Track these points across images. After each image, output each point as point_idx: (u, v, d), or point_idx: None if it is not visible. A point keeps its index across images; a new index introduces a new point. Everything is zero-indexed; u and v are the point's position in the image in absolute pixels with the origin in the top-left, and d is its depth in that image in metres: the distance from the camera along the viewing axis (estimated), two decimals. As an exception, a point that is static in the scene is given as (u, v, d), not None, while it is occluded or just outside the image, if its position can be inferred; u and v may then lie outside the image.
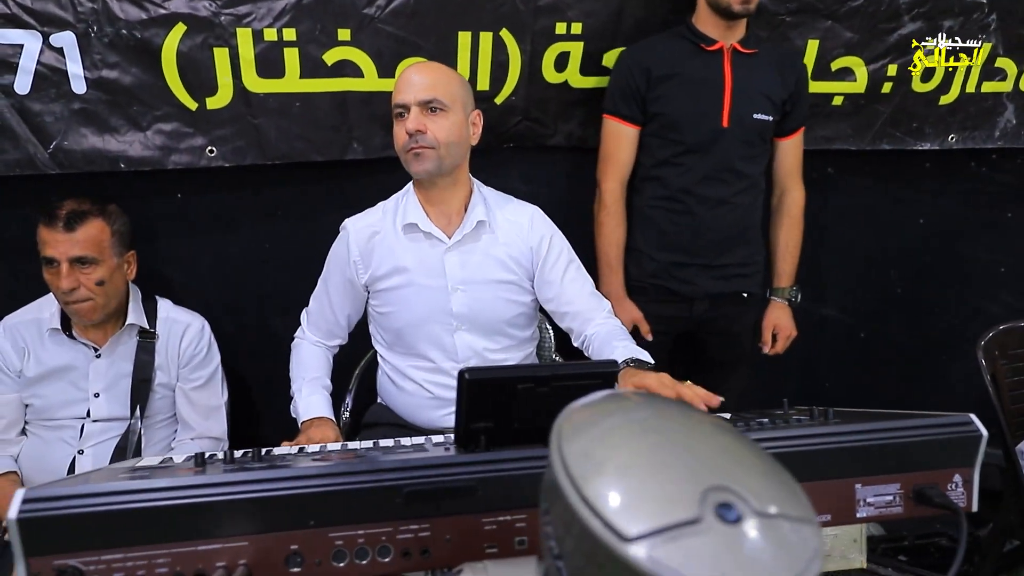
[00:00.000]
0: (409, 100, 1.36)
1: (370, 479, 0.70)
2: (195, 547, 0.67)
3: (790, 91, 1.78)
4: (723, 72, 1.73)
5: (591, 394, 0.53)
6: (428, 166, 1.37)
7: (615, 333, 1.44)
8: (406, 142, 1.37)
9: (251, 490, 0.68)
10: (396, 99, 1.39)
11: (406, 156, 1.39)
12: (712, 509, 0.37)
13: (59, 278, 1.43)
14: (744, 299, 1.88)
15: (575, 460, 0.43)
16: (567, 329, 1.54)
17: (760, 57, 1.76)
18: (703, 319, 1.88)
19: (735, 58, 1.74)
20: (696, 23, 1.74)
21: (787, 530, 0.37)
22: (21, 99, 1.58)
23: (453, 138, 1.37)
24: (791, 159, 1.90)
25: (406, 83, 1.38)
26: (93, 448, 1.53)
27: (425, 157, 1.36)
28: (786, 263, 1.94)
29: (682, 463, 0.41)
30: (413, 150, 1.36)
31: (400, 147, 1.40)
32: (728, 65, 1.73)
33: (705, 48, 1.73)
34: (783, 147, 1.89)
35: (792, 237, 1.94)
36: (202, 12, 1.60)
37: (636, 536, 0.37)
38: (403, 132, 1.37)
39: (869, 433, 0.82)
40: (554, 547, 0.45)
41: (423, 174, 1.39)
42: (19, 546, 0.64)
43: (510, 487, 0.73)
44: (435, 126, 1.35)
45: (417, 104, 1.35)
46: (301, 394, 1.47)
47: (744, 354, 1.99)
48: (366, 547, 0.71)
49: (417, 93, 1.36)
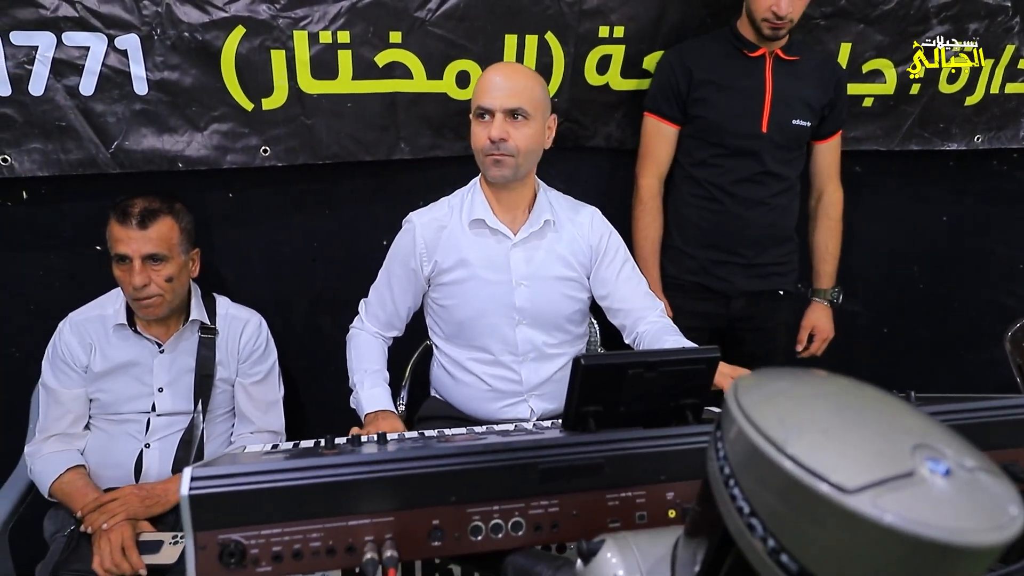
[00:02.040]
0: (495, 106, 1.38)
1: (506, 458, 0.75)
2: (346, 522, 0.71)
3: (829, 97, 1.83)
4: (764, 78, 1.77)
5: (752, 375, 0.57)
6: (506, 173, 1.41)
7: (666, 330, 1.49)
8: (487, 147, 1.39)
9: (399, 468, 0.72)
10: (481, 101, 1.40)
11: (484, 160, 1.42)
12: (923, 463, 0.42)
13: (131, 274, 1.46)
14: (780, 296, 1.93)
15: (772, 427, 0.48)
16: (619, 326, 1.59)
17: (801, 64, 1.81)
18: (739, 316, 1.93)
19: (776, 65, 1.78)
20: (740, 28, 1.79)
21: (988, 482, 0.42)
22: (85, 100, 1.61)
23: (533, 146, 1.41)
24: (829, 162, 1.95)
25: (493, 86, 1.39)
26: (159, 442, 1.57)
27: (505, 165, 1.40)
28: (827, 264, 1.98)
29: (879, 424, 0.46)
30: (494, 156, 1.39)
31: (479, 148, 1.42)
32: (769, 72, 1.78)
33: (748, 54, 1.77)
34: (821, 150, 1.93)
35: (832, 239, 1.98)
36: (261, 15, 1.64)
37: (858, 488, 0.42)
38: (484, 135, 1.39)
39: (955, 414, 0.87)
40: (744, 507, 0.49)
41: (500, 180, 1.43)
42: (188, 521, 0.68)
43: (632, 465, 0.78)
44: (518, 134, 1.38)
45: (502, 111, 1.38)
46: (364, 386, 1.48)
47: (778, 349, 2.04)
48: (500, 522, 0.75)
49: (504, 100, 1.38)
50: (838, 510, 0.42)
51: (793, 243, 1.95)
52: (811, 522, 0.44)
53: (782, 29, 1.70)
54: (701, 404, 0.90)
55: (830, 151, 1.93)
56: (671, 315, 1.92)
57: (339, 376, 2.01)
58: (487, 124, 1.39)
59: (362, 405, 1.46)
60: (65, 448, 1.54)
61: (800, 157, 1.88)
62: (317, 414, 2.05)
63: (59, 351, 1.55)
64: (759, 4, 1.67)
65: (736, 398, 0.53)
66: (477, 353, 1.55)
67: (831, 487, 0.43)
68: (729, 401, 0.54)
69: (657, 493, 0.79)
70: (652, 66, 1.93)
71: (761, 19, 1.69)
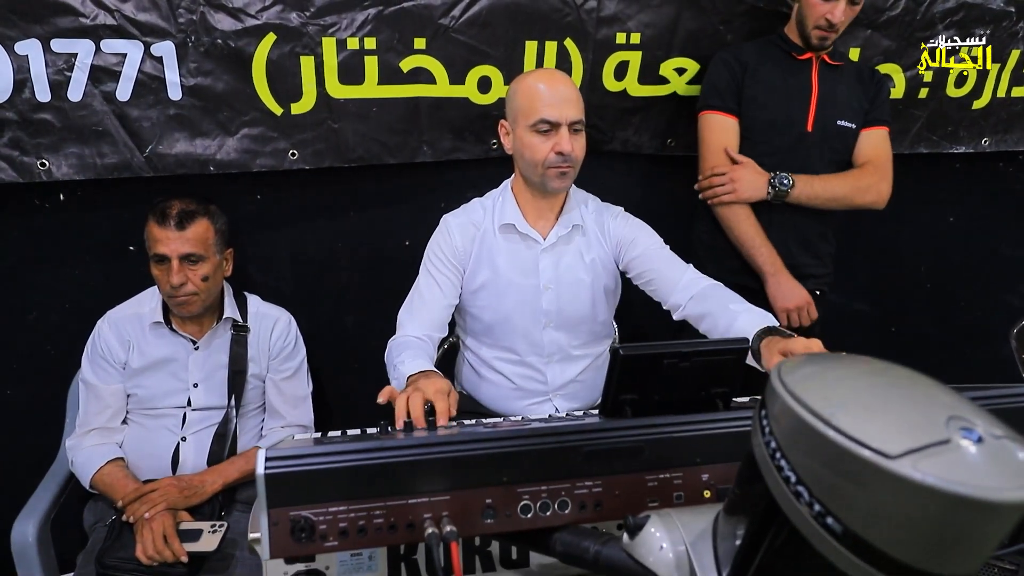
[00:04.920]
0: (562, 119, 1.38)
1: (553, 441, 0.80)
2: (406, 501, 0.77)
3: (872, 100, 1.88)
4: (811, 80, 1.83)
5: (792, 359, 0.62)
6: (567, 184, 1.45)
7: (724, 296, 1.38)
8: (553, 159, 1.39)
9: (454, 451, 0.77)
10: (544, 114, 1.38)
11: (547, 172, 1.41)
12: (957, 431, 0.47)
13: (169, 274, 1.52)
14: (817, 296, 1.94)
15: (818, 403, 0.53)
16: (661, 300, 1.49)
17: (844, 69, 1.87)
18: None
19: (823, 68, 1.84)
20: (788, 33, 1.86)
21: (1015, 449, 0.48)
22: (121, 105, 1.67)
23: (584, 154, 1.45)
24: (870, 149, 1.88)
25: (557, 98, 1.38)
26: (194, 435, 1.62)
27: (568, 176, 1.43)
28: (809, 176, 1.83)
29: (915, 399, 0.51)
30: (560, 168, 1.40)
31: (539, 160, 1.41)
32: (816, 74, 1.84)
33: (796, 57, 1.84)
34: (862, 138, 1.89)
35: (838, 177, 1.85)
36: (292, 22, 1.70)
37: (900, 454, 0.47)
38: (547, 148, 1.39)
39: (978, 400, 0.92)
40: (791, 476, 0.55)
41: (561, 190, 1.46)
42: (263, 498, 0.73)
43: (669, 449, 0.83)
44: (578, 146, 1.41)
45: (568, 123, 1.39)
46: (404, 363, 1.30)
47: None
48: (548, 501, 0.80)
49: (569, 113, 1.39)
50: (882, 474, 0.47)
51: (832, 245, 1.98)
52: (856, 486, 0.50)
53: (830, 39, 1.76)
54: (731, 393, 0.95)
55: (870, 140, 1.89)
56: None
57: (363, 372, 2.07)
58: (550, 136, 1.39)
59: (403, 375, 1.27)
60: (105, 441, 1.59)
61: (845, 160, 1.91)
62: (342, 410, 2.10)
63: (98, 348, 1.61)
64: (813, 12, 1.74)
65: (781, 380, 0.58)
66: (504, 353, 1.59)
67: (875, 453, 0.48)
68: (775, 383, 0.59)
69: (693, 475, 0.84)
70: (669, 73, 1.98)
71: (813, 26, 1.75)
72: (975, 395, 0.94)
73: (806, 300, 1.85)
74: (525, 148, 1.43)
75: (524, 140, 1.43)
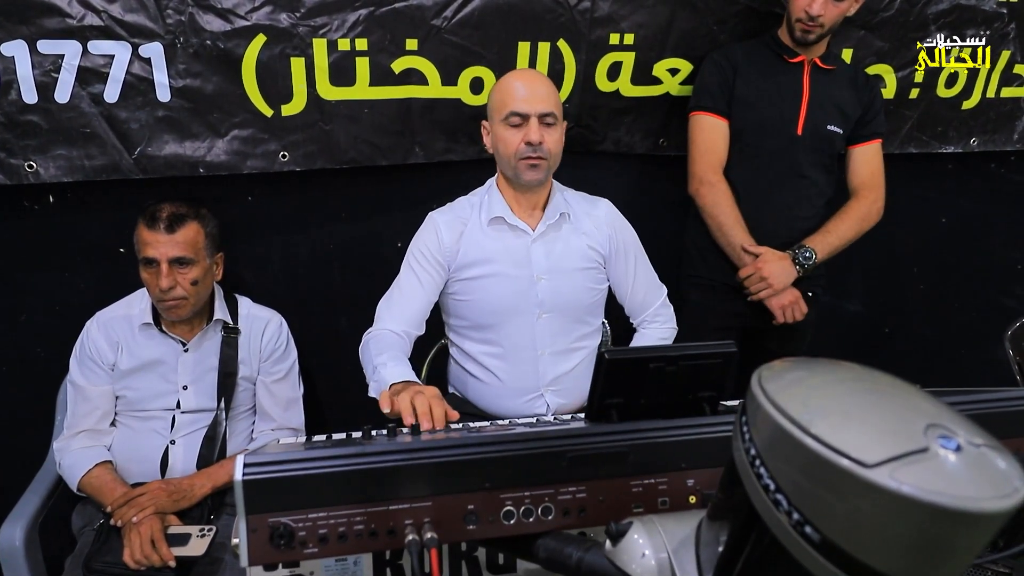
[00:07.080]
0: (531, 111, 1.43)
1: (537, 446, 0.79)
2: (387, 507, 0.76)
3: (864, 104, 1.88)
4: (802, 83, 1.83)
5: (772, 364, 0.62)
6: (540, 176, 1.47)
7: (660, 320, 1.68)
8: (522, 150, 1.44)
9: (436, 456, 0.77)
10: (514, 107, 1.43)
11: (519, 163, 1.46)
12: (935, 440, 0.47)
13: (158, 277, 1.51)
14: (808, 298, 1.95)
15: (796, 410, 0.53)
16: (628, 311, 1.69)
17: (837, 73, 1.86)
18: (769, 315, 1.96)
19: (814, 71, 1.84)
20: (781, 35, 1.85)
21: (994, 457, 0.47)
22: (109, 107, 1.66)
23: (559, 149, 1.48)
24: (864, 165, 1.91)
25: (524, 92, 1.44)
26: (184, 438, 1.61)
27: (540, 168, 1.45)
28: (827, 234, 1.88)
29: (894, 406, 0.50)
30: (531, 160, 1.44)
31: (511, 153, 1.46)
32: (807, 77, 1.83)
33: (787, 59, 1.84)
34: (855, 154, 1.92)
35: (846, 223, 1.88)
36: (282, 23, 1.69)
37: (877, 463, 0.46)
38: (518, 140, 1.44)
39: (959, 405, 0.91)
40: (770, 484, 0.54)
41: (534, 182, 1.48)
42: (241, 504, 0.72)
43: (654, 454, 0.83)
44: (550, 139, 1.45)
45: (537, 115, 1.43)
46: (386, 367, 1.31)
47: (802, 348, 2.08)
48: (531, 507, 0.79)
49: (538, 105, 1.43)
50: (859, 483, 0.47)
51: None
52: (834, 495, 0.49)
53: (812, 33, 1.75)
54: (718, 397, 0.94)
55: (865, 156, 1.92)
56: (701, 313, 1.96)
57: (355, 375, 2.05)
58: (521, 129, 1.44)
59: (384, 380, 1.28)
60: (93, 444, 1.58)
61: (833, 163, 1.91)
62: (334, 412, 2.09)
63: (87, 349, 1.60)
64: (795, 5, 1.75)
65: (761, 386, 0.58)
66: (494, 348, 1.58)
67: (852, 462, 0.47)
68: (754, 389, 0.58)
69: (678, 480, 0.83)
70: (662, 73, 1.98)
71: (795, 19, 1.76)
72: (965, 400, 0.93)
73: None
74: (499, 142, 1.48)
75: (498, 135, 1.48)
